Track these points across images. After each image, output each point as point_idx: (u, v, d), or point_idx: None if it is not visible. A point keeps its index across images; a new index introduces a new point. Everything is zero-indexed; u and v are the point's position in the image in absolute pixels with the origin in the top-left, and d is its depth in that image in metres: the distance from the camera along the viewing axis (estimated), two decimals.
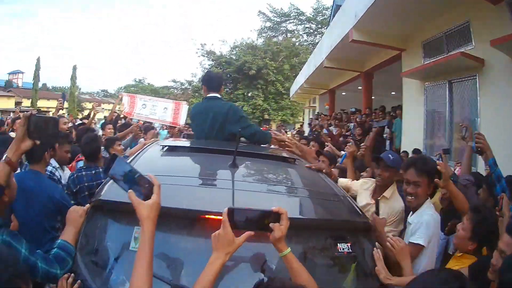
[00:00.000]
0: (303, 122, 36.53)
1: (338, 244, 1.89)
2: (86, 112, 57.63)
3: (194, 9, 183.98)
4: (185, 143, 3.72)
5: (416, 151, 8.30)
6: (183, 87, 43.12)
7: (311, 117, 24.45)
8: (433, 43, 8.62)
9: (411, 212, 2.90)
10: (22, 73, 69.69)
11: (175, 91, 43.80)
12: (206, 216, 1.75)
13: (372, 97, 18.97)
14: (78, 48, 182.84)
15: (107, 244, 1.83)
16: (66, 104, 58.35)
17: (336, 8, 22.74)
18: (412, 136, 9.40)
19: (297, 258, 1.62)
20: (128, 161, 2.31)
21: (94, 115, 8.37)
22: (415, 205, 2.82)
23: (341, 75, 16.02)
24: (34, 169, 2.94)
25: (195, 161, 2.76)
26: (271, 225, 1.57)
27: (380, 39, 9.56)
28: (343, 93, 20.17)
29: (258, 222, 1.58)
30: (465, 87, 7.72)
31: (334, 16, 23.05)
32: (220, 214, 1.56)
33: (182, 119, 8.71)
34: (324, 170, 2.97)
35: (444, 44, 8.17)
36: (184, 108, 8.84)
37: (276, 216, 1.59)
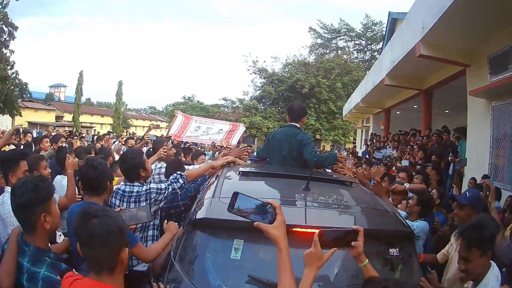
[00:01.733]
0: (355, 142, 35.80)
1: (390, 248, 2.36)
2: (132, 129, 58.72)
3: (246, 25, 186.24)
4: (264, 168, 4.03)
5: (485, 176, 7.70)
6: (233, 105, 42.97)
7: (365, 138, 23.73)
8: (500, 57, 7.77)
9: (472, 283, 2.62)
10: (65, 86, 70.95)
11: (226, 110, 43.71)
12: (293, 229, 2.11)
13: None
14: (125, 63, 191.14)
15: (207, 255, 2.20)
16: (110, 120, 60.05)
17: (392, 21, 22.27)
18: (476, 159, 8.65)
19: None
20: (215, 184, 2.95)
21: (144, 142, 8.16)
22: (471, 279, 2.60)
23: (399, 93, 15.24)
24: (91, 201, 2.85)
25: (278, 185, 3.18)
26: (353, 243, 1.94)
27: (446, 53, 8.86)
28: (398, 112, 19.39)
29: (342, 240, 1.93)
30: None
31: (389, 30, 22.77)
32: (299, 226, 2.16)
33: (235, 140, 8.58)
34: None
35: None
36: (241, 129, 8.83)
37: (355, 234, 1.95)
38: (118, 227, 1.76)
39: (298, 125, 4.35)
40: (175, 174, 3.58)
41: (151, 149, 6.24)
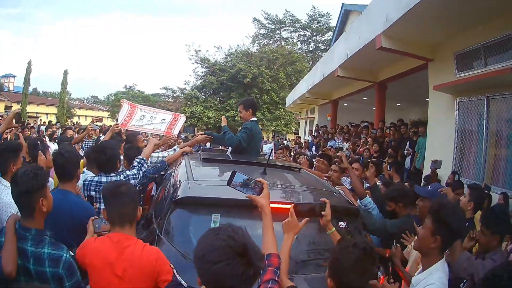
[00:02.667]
0: (297, 132, 35.92)
1: (339, 222, 2.87)
2: (75, 119, 57.20)
3: (189, 14, 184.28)
4: (221, 156, 4.71)
5: (453, 173, 7.55)
6: (174, 95, 42.28)
7: (310, 128, 23.57)
8: (468, 54, 7.69)
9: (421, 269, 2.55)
10: (14, 76, 70.32)
11: (167, 99, 43.10)
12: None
13: (374, 108, 18.42)
14: (70, 53, 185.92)
15: (190, 228, 2.59)
16: (55, 110, 58.16)
17: (345, 13, 22.21)
18: (439, 155, 8.49)
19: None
20: (180, 169, 3.48)
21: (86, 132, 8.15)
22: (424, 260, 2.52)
23: (350, 84, 14.94)
24: (65, 188, 3.04)
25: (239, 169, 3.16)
26: (323, 212, 2.57)
27: (408, 47, 8.59)
28: (345, 104, 19.34)
29: (313, 211, 2.59)
30: (506, 103, 6.98)
31: (341, 21, 22.75)
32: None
33: (176, 130, 8.48)
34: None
35: (482, 56, 7.30)
36: (182, 120, 8.64)
37: (323, 206, 2.59)
38: (136, 191, 2.47)
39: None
40: (138, 159, 3.92)
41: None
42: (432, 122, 9.23)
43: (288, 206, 2.43)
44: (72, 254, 2.31)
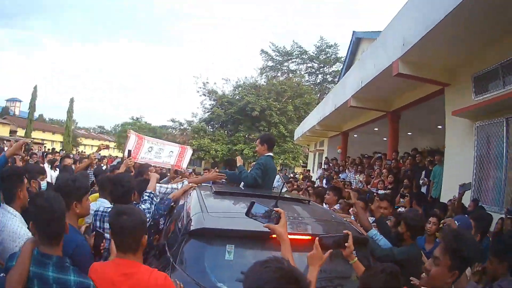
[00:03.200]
0: (305, 166, 35.67)
1: None
2: (81, 148, 57.60)
3: (197, 46, 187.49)
4: (233, 189, 4.57)
5: (475, 200, 7.32)
6: (182, 127, 42.31)
7: (320, 161, 23.36)
8: (485, 76, 7.55)
9: None
10: (20, 101, 70.58)
11: (174, 131, 43.08)
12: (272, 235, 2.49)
13: (384, 138, 18.23)
14: (78, 81, 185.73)
15: (205, 258, 2.62)
16: (61, 138, 58.54)
17: (356, 41, 22.11)
18: (456, 184, 8.25)
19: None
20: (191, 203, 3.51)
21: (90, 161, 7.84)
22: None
23: (361, 115, 14.91)
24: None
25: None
26: (346, 244, 2.61)
27: (425, 72, 8.46)
28: (355, 135, 19.24)
29: (337, 243, 2.60)
30: None
31: (352, 51, 22.73)
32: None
33: (185, 163, 8.79)
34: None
35: (500, 76, 7.15)
36: (189, 152, 8.96)
37: (346, 237, 2.64)
38: (141, 220, 2.40)
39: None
40: (147, 193, 3.88)
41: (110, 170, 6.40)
42: (449, 149, 8.99)
43: (302, 237, 2.81)
44: None
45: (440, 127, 14.12)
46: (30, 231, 2.55)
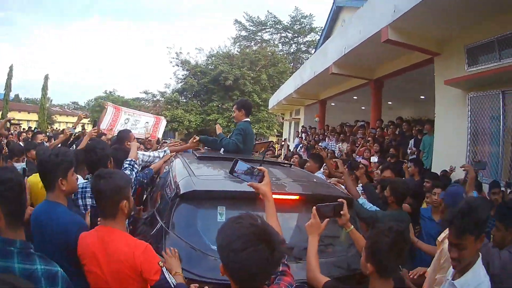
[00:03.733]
0: (279, 135, 35.50)
1: None
2: (56, 125, 55.86)
3: (169, 18, 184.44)
4: (215, 154, 4.64)
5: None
6: (155, 99, 41.36)
7: (296, 130, 23.04)
8: (480, 48, 7.33)
9: (452, 271, 2.45)
10: None
11: (147, 103, 42.09)
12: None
13: (363, 107, 18.04)
14: (51, 58, 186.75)
15: (197, 221, 2.68)
16: (36, 117, 56.62)
17: (336, 9, 21.54)
18: (448, 155, 8.07)
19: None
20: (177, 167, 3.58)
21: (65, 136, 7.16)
22: (462, 268, 2.35)
23: (342, 83, 14.50)
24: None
25: None
26: (342, 212, 2.56)
27: (415, 40, 8.11)
28: (332, 104, 18.96)
29: (333, 212, 2.55)
30: None
31: (332, 18, 22.15)
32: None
33: (160, 133, 9.04)
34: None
35: (496, 50, 6.95)
36: (163, 123, 9.28)
37: (341, 206, 2.57)
38: (116, 184, 2.31)
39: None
40: (128, 161, 3.79)
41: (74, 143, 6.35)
42: (440, 119, 8.76)
43: (287, 197, 2.86)
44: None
45: (423, 97, 13.99)
46: None
